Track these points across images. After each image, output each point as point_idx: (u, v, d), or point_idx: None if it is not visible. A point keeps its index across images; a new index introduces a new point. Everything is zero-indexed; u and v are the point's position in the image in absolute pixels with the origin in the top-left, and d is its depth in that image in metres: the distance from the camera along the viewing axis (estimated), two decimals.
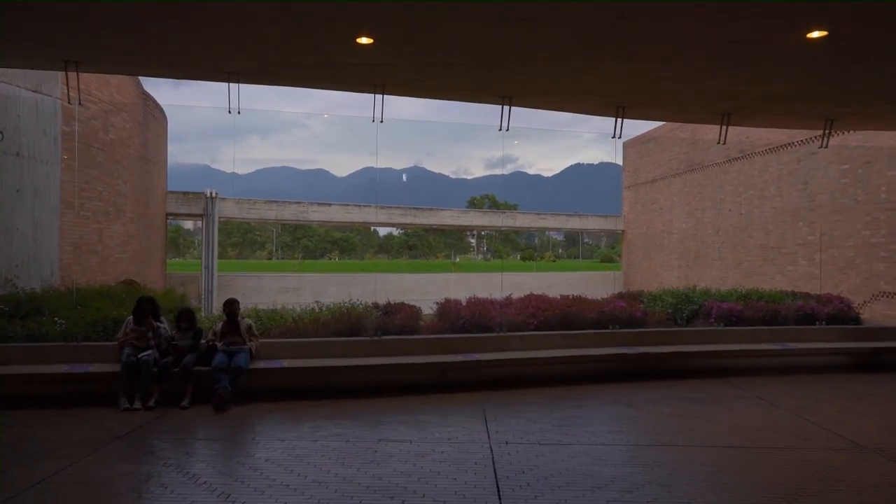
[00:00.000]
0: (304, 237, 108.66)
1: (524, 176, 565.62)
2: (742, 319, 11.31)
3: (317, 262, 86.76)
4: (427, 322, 11.38)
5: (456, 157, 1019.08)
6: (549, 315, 10.74)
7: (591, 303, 11.55)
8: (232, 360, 7.80)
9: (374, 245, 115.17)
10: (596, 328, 10.58)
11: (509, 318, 10.60)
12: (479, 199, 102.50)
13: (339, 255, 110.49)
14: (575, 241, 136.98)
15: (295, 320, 9.86)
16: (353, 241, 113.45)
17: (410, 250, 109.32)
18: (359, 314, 10.08)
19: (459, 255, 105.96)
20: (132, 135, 15.11)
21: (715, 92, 8.90)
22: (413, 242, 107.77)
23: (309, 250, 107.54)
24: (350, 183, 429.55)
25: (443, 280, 25.83)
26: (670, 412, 7.42)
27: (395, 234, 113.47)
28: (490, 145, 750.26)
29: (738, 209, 19.92)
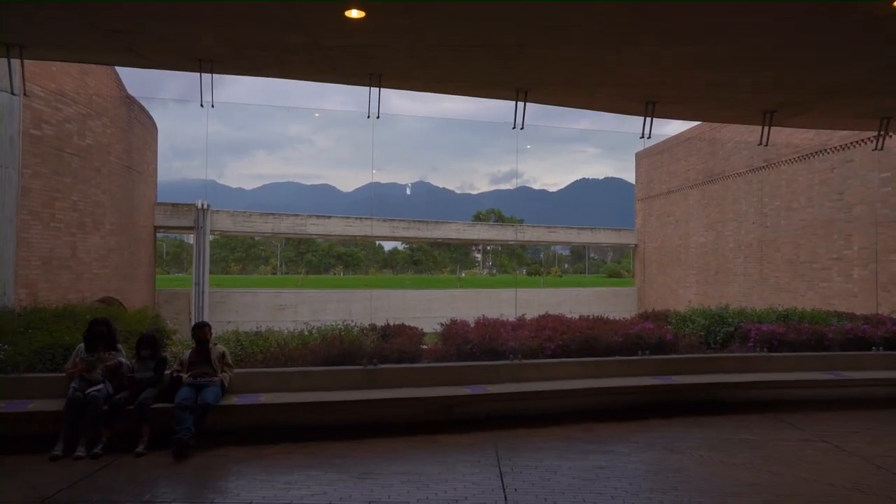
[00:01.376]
0: (308, 252, 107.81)
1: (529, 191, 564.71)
2: (784, 343, 10.03)
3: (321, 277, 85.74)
4: (430, 346, 10.17)
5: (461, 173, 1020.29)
6: (568, 339, 9.49)
7: (614, 324, 10.30)
8: (199, 395, 6.60)
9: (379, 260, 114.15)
10: (621, 354, 9.33)
11: (523, 342, 9.36)
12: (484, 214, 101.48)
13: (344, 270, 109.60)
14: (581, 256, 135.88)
15: (280, 346, 8.64)
16: (357, 255, 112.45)
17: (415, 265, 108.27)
18: (352, 338, 8.86)
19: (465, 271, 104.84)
20: (113, 141, 14.03)
21: (761, 84, 7.72)
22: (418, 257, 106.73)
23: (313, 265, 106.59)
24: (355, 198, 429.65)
25: (448, 297, 24.63)
26: (722, 460, 6.16)
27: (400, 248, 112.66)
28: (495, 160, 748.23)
29: (763, 221, 18.68)
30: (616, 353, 9.52)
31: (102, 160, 13.47)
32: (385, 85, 7.88)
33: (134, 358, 6.98)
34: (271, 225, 21.28)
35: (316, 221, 21.90)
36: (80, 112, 12.38)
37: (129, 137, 15.03)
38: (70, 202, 12.23)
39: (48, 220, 11.41)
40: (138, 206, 16.05)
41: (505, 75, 7.51)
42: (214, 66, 7.17)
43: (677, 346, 9.98)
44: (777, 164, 18.00)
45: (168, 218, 18.38)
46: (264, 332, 9.32)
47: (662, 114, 9.08)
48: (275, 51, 6.80)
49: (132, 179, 15.38)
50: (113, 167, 13.95)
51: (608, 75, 7.45)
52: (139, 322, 9.46)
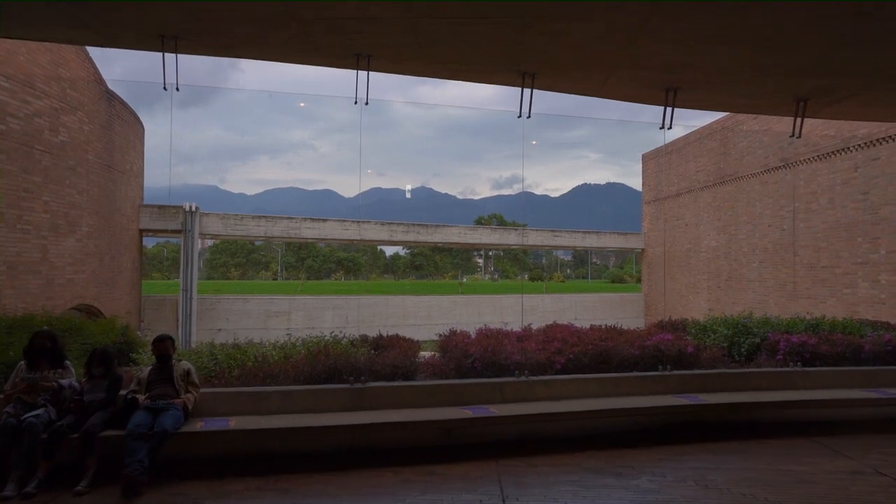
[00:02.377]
0: (309, 257, 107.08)
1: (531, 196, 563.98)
2: (817, 356, 9.11)
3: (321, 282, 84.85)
4: (428, 359, 9.27)
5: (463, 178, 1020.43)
6: (580, 352, 8.58)
7: (629, 335, 9.38)
8: (157, 420, 5.69)
9: (381, 265, 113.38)
10: (639, 369, 8.43)
11: (529, 355, 8.46)
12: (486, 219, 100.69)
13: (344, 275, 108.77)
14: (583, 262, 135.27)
15: (258, 361, 7.73)
16: (358, 261, 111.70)
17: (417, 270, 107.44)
18: (340, 352, 7.95)
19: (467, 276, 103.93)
20: (91, 138, 13.16)
21: (798, 65, 6.83)
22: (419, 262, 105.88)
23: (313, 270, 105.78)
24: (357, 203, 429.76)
25: (449, 303, 23.71)
26: (768, 499, 5.23)
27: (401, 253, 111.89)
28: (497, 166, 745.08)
29: (780, 224, 17.75)
30: (633, 368, 8.62)
31: (79, 158, 12.60)
32: (375, 68, 7.01)
33: (85, 376, 6.08)
34: (264, 228, 20.39)
35: (311, 225, 20.99)
36: (53, 106, 11.52)
37: (109, 135, 14.17)
38: (41, 202, 11.35)
39: (15, 222, 10.53)
40: (121, 208, 15.17)
41: (508, 55, 6.62)
42: (179, 44, 6.29)
43: (699, 359, 9.07)
44: (795, 163, 17.08)
45: (154, 221, 17.50)
46: (243, 345, 8.42)
47: (684, 102, 8.18)
48: (246, 26, 5.92)
49: (113, 179, 14.50)
50: (91, 166, 13.08)
51: (625, 55, 6.56)
52: (105, 333, 8.55)
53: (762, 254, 18.58)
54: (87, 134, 12.94)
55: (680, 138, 24.24)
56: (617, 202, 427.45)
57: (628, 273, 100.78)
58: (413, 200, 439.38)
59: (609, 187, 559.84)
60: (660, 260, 25.97)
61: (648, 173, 27.29)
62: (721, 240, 20.96)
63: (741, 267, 19.83)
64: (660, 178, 25.96)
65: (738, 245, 19.96)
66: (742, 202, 19.73)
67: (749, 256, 19.37)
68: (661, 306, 25.75)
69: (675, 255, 24.49)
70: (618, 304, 27.06)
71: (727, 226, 20.61)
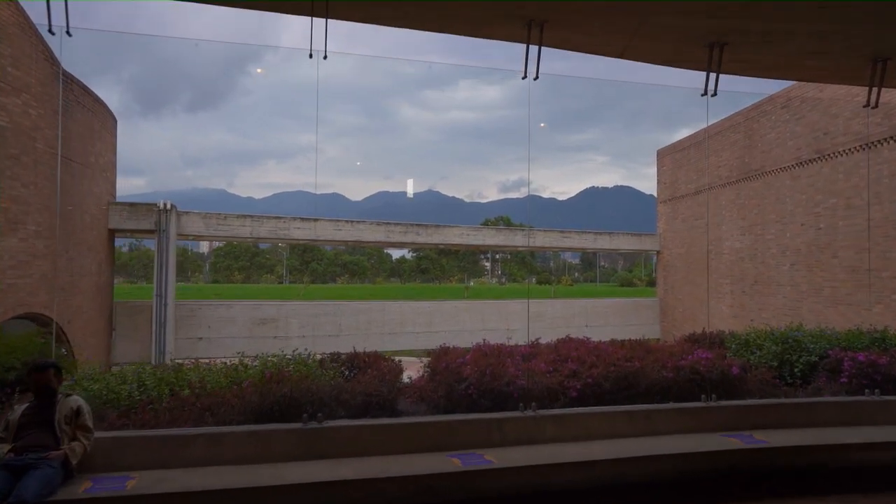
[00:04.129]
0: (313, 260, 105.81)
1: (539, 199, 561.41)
2: (890, 379, 7.43)
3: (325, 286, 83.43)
4: (415, 381, 7.66)
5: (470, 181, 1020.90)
6: (600, 374, 6.95)
7: (659, 353, 7.73)
8: (18, 484, 4.09)
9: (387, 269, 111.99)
10: (674, 396, 6.80)
11: (537, 378, 6.84)
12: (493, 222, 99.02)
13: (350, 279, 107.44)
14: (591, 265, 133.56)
15: (194, 389, 6.13)
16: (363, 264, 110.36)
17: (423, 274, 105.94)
18: (299, 377, 6.34)
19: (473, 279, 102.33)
20: (41, 125, 11.64)
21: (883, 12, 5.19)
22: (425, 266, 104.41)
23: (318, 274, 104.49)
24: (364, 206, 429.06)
25: (451, 309, 22.10)
26: None
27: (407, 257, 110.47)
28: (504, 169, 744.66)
29: (816, 223, 16.04)
30: (667, 396, 6.97)
31: (23, 147, 11.08)
32: (335, 15, 5.40)
33: None
34: (249, 228, 18.84)
35: (300, 225, 19.43)
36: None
37: (66, 122, 12.66)
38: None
39: None
40: (82, 205, 13.65)
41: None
42: None
43: (746, 382, 7.40)
44: (833, 155, 15.37)
45: (124, 220, 15.98)
46: (185, 367, 6.82)
47: (730, 64, 6.53)
48: None
49: (71, 173, 12.98)
50: (40, 156, 11.56)
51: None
52: (16, 353, 6.97)
53: (794, 255, 16.87)
54: (35, 119, 11.42)
55: (700, 132, 22.55)
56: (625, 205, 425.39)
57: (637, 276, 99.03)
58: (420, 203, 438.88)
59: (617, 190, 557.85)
60: (676, 262, 24.26)
61: (664, 170, 25.59)
62: (746, 240, 19.25)
63: (769, 270, 18.11)
64: (676, 176, 24.26)
65: (766, 246, 18.25)
66: (770, 199, 18.02)
67: (778, 258, 17.66)
68: (678, 312, 24.05)
69: (694, 257, 22.78)
70: (631, 309, 25.36)
71: (753, 225, 18.90)
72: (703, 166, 22.10)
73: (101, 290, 15.35)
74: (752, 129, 18.93)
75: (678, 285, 24.16)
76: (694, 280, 22.88)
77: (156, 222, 15.86)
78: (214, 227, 18.40)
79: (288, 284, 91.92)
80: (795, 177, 16.87)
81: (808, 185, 16.31)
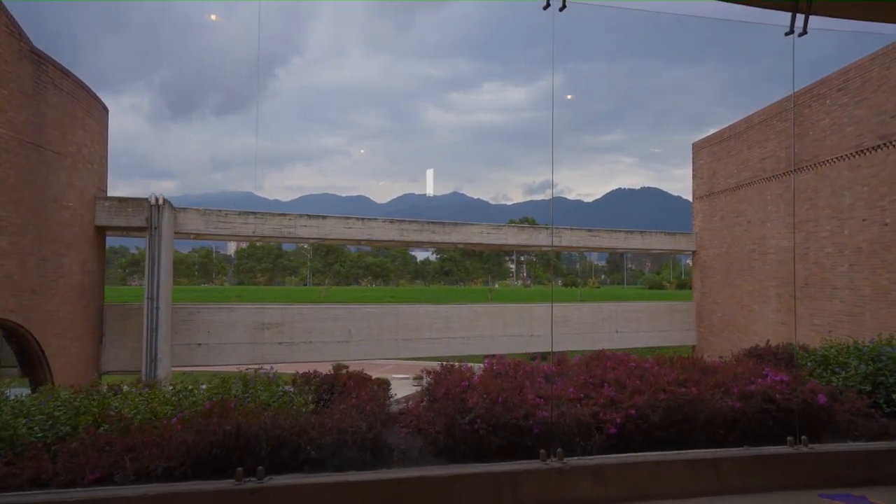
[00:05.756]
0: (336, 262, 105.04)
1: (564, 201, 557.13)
2: None
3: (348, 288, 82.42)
4: (411, 409, 6.17)
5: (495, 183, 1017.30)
6: (646, 403, 5.37)
7: (719, 374, 6.11)
8: None
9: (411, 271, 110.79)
10: (743, 433, 5.21)
11: (564, 408, 5.30)
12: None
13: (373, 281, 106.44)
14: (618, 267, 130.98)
15: (114, 424, 4.71)
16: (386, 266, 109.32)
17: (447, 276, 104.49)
18: (253, 408, 4.89)
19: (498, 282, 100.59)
20: (5, 107, 10.38)
21: None
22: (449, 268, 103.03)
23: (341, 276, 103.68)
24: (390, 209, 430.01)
25: (470, 313, 20.52)
26: None
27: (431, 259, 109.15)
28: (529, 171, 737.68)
29: (881, 217, 14.17)
30: (734, 432, 5.38)
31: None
32: None
33: None
34: (252, 227, 17.52)
35: (307, 223, 18.04)
36: None
37: (38, 106, 11.40)
38: None
39: None
40: (59, 199, 12.40)
41: None
42: None
43: (835, 414, 5.76)
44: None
45: (113, 216, 14.73)
46: (105, 392, 5.40)
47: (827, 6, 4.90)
48: None
49: (45, 162, 11.73)
50: (3, 142, 10.28)
51: None
52: None
53: (853, 255, 15.01)
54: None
55: (742, 121, 20.67)
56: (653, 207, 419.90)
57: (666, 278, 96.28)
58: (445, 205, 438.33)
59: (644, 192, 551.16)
60: (715, 263, 22.39)
61: (700, 164, 23.73)
62: (795, 239, 17.39)
63: (823, 271, 16.24)
64: (715, 170, 22.39)
65: (819, 244, 16.39)
66: (824, 192, 16.16)
67: (834, 258, 15.79)
68: (716, 317, 22.19)
69: (735, 257, 20.92)
70: (665, 314, 23.52)
71: (803, 222, 17.05)
72: (746, 158, 20.24)
73: (87, 292, 14.11)
74: (803, 115, 17.08)
75: (716, 288, 22.29)
76: (734, 282, 21.01)
77: (147, 219, 14.59)
78: (215, 225, 17.11)
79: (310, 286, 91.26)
80: (855, 167, 15.00)
81: (871, 175, 14.44)
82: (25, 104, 10.96)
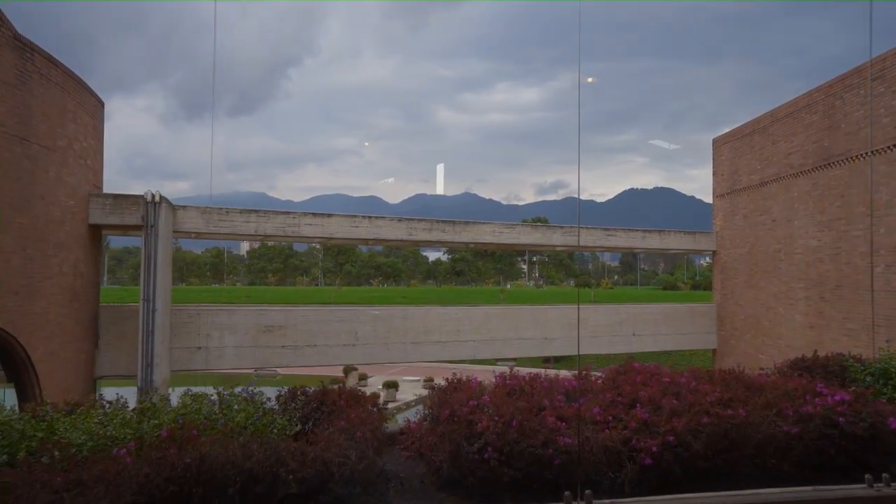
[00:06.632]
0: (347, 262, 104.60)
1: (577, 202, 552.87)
2: None
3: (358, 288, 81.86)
4: (413, 427, 5.41)
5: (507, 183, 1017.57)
6: (685, 427, 4.56)
7: (765, 390, 5.30)
8: None
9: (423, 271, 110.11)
10: (799, 464, 4.41)
11: (588, 431, 4.51)
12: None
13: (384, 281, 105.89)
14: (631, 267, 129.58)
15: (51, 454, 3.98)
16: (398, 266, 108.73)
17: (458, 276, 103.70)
18: (218, 436, 4.15)
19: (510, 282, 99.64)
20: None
21: None
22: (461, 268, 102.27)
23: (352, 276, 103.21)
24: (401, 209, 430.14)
25: (482, 315, 19.73)
26: None
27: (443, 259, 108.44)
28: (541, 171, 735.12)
29: None
30: (789, 461, 4.58)
31: None
32: None
33: None
34: (255, 225, 16.82)
35: (311, 221, 17.31)
36: None
37: (23, 97, 10.75)
38: None
39: None
40: (47, 195, 11.75)
41: None
42: None
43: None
44: None
45: (107, 214, 14.06)
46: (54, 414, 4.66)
47: None
48: None
49: (31, 157, 11.07)
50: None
51: None
52: None
53: (891, 255, 14.06)
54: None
55: (766, 115, 19.70)
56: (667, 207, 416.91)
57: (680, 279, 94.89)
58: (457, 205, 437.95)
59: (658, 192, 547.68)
60: (737, 264, 21.43)
61: (721, 160, 22.77)
62: (826, 238, 16.44)
63: (856, 272, 15.29)
64: (737, 166, 21.43)
65: (852, 244, 15.43)
66: (858, 188, 15.22)
67: (869, 259, 14.85)
68: (738, 320, 21.23)
69: (759, 257, 19.96)
70: (686, 316, 22.58)
71: (834, 220, 16.09)
72: (770, 154, 19.28)
73: (79, 293, 13.46)
74: (834, 106, 16.13)
75: (738, 290, 21.33)
76: (757, 284, 20.05)
77: (142, 217, 13.94)
78: (215, 224, 16.43)
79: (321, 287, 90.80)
80: (892, 161, 14.05)
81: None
82: (8, 94, 10.31)
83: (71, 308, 12.98)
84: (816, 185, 16.91)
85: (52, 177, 11.91)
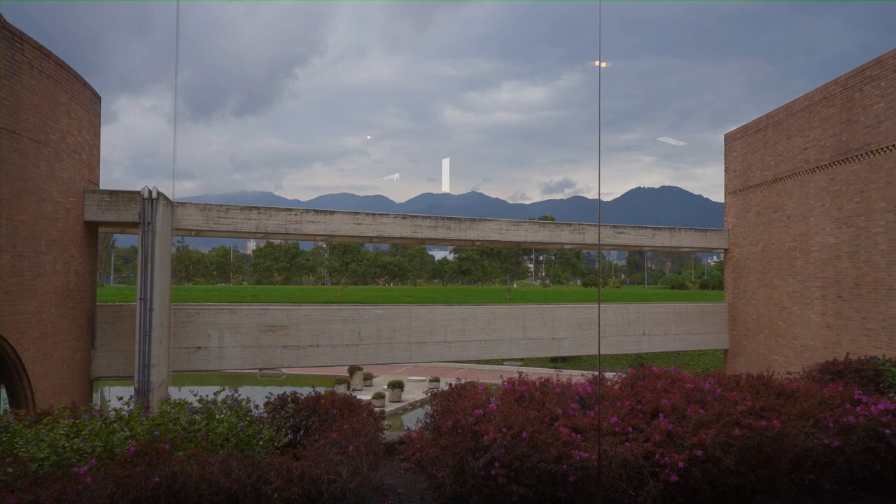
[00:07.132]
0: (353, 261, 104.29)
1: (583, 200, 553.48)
2: None
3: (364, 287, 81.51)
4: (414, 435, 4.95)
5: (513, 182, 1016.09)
6: (714, 440, 4.10)
7: (800, 398, 4.83)
8: None
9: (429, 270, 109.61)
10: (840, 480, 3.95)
11: (605, 444, 4.06)
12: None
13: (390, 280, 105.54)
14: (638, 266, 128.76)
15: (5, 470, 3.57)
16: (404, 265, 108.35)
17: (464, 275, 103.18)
18: (198, 450, 3.73)
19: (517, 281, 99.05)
20: None
21: None
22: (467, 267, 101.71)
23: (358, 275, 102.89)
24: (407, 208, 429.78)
25: (487, 315, 19.27)
26: None
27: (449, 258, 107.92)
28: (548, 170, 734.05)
29: None
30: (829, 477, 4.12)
31: None
32: None
33: None
34: (256, 222, 16.42)
35: (314, 218, 16.90)
36: None
37: (11, 88, 10.36)
38: None
39: None
40: (38, 191, 11.37)
41: None
42: None
43: None
44: None
45: (103, 211, 13.70)
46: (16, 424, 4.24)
47: None
48: None
49: (21, 151, 10.69)
50: None
51: None
52: None
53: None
54: None
55: (781, 109, 19.15)
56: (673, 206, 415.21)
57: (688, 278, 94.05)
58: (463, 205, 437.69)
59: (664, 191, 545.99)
60: (749, 262, 20.90)
61: (733, 156, 22.23)
62: (844, 235, 15.90)
63: (876, 270, 14.76)
64: (749, 162, 20.88)
65: (872, 241, 14.90)
66: (878, 183, 14.67)
67: (890, 256, 14.31)
68: (751, 320, 20.69)
69: (772, 255, 19.42)
70: (696, 316, 22.05)
71: (853, 216, 15.55)
72: (785, 149, 18.74)
73: (74, 292, 13.10)
74: (853, 99, 15.59)
75: (751, 288, 20.79)
76: (771, 282, 19.51)
77: (139, 213, 13.57)
78: (215, 221, 16.05)
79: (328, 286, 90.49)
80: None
81: None
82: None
83: (65, 307, 12.61)
84: (834, 180, 16.37)
85: (44, 172, 11.53)
